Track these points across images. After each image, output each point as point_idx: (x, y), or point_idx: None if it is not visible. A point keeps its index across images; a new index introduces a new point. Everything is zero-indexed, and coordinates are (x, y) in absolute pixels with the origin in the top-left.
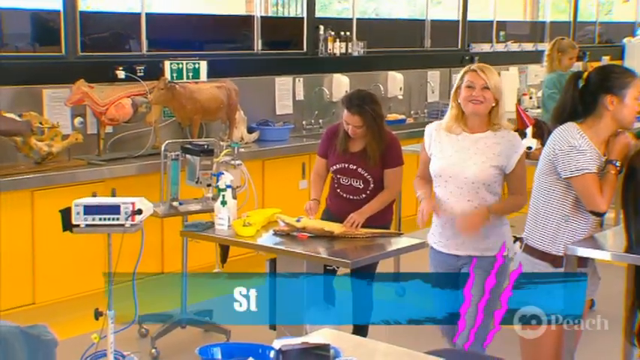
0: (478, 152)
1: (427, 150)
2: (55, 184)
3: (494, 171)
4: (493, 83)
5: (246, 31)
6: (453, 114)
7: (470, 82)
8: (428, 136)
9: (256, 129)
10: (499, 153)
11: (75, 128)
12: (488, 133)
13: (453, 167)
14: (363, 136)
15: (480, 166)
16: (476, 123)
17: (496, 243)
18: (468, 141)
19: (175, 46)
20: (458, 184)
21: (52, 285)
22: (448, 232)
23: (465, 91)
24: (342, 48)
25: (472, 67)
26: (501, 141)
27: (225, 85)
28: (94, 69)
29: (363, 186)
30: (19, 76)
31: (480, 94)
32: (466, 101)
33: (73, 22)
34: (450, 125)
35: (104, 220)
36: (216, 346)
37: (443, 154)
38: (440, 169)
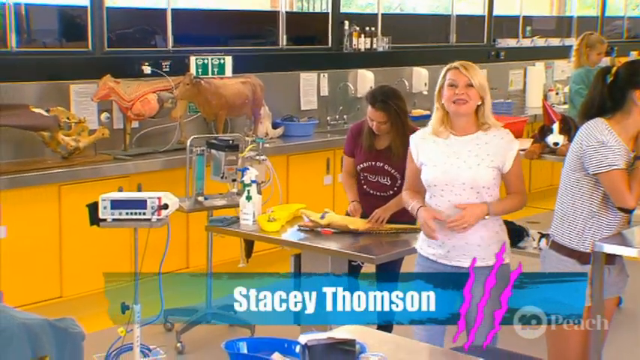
0: (471, 155)
1: (415, 161)
2: (81, 178)
3: (491, 172)
4: (477, 80)
5: (271, 26)
6: (437, 116)
7: (452, 80)
8: (414, 145)
9: (281, 124)
10: (493, 153)
11: (101, 123)
12: (479, 133)
13: (448, 174)
14: (388, 132)
15: (475, 170)
16: (463, 124)
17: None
18: (458, 144)
19: (201, 41)
20: (456, 191)
21: (79, 279)
22: (451, 242)
23: (447, 90)
24: (367, 43)
25: (453, 65)
26: (494, 140)
27: (250, 81)
28: (121, 64)
29: (390, 182)
30: (47, 72)
31: (463, 93)
32: (449, 101)
33: (100, 17)
34: (436, 128)
35: (131, 215)
36: (242, 340)
37: (434, 162)
38: (433, 179)
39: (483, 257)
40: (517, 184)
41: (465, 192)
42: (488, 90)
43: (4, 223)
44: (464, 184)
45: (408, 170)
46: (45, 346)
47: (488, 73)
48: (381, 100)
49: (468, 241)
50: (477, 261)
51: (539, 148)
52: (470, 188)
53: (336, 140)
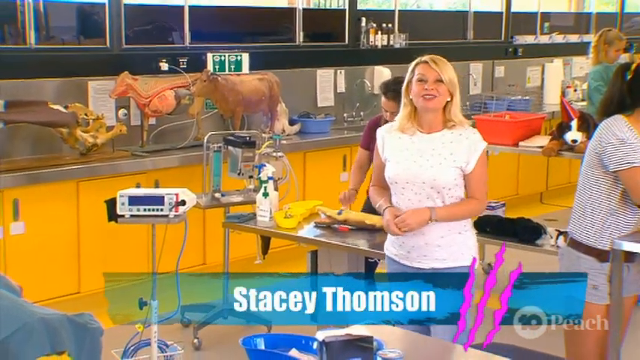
0: (434, 153)
1: (381, 155)
2: (99, 175)
3: (453, 173)
4: (447, 76)
5: (288, 23)
6: (405, 112)
7: (421, 75)
8: (380, 139)
9: (297, 121)
10: (457, 152)
11: (119, 120)
12: (445, 131)
13: (409, 172)
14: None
15: (437, 169)
16: (430, 121)
17: (457, 253)
18: (422, 142)
19: (218, 38)
20: (416, 189)
21: (97, 274)
22: (411, 242)
23: (416, 85)
24: (384, 40)
25: (423, 59)
26: (459, 139)
27: (267, 78)
28: (138, 61)
29: None
30: (65, 69)
31: (432, 88)
32: (418, 96)
33: (118, 14)
34: (403, 124)
35: (148, 211)
36: (260, 336)
37: (397, 158)
38: (395, 175)
39: (444, 258)
40: (477, 187)
41: (425, 191)
42: (457, 86)
43: (22, 219)
44: (424, 183)
45: (375, 165)
46: (64, 341)
47: (506, 69)
48: (393, 89)
49: (427, 241)
50: (436, 262)
51: (557, 145)
52: (430, 188)
53: (352, 137)
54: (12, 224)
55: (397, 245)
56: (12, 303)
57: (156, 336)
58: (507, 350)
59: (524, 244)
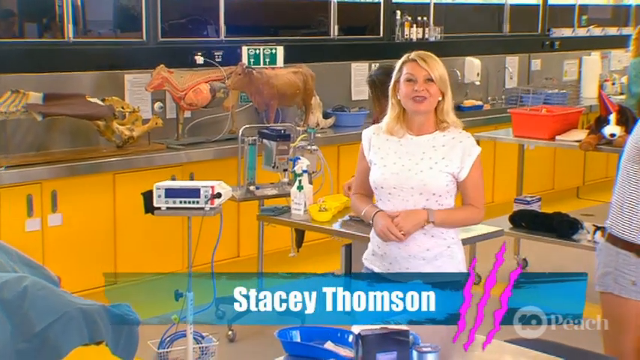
0: (425, 157)
1: (366, 157)
2: (135, 167)
3: (445, 179)
4: (437, 74)
5: (323, 16)
6: (393, 113)
7: (410, 74)
8: (366, 141)
9: (332, 114)
10: (449, 157)
11: (154, 113)
12: (436, 133)
13: (397, 176)
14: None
15: (427, 174)
16: (421, 123)
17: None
18: (412, 145)
19: (253, 31)
20: (403, 196)
21: (133, 266)
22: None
23: (404, 86)
24: (419, 33)
25: (411, 57)
26: (452, 142)
27: (302, 71)
28: (174, 54)
29: None
30: (102, 62)
31: (422, 89)
32: (407, 98)
33: (154, 8)
34: (391, 127)
35: (184, 204)
36: (295, 329)
37: (384, 162)
38: (381, 180)
39: (429, 273)
40: (474, 195)
41: (413, 197)
42: (448, 83)
43: (60, 211)
44: (412, 188)
45: (358, 170)
46: (102, 331)
47: (543, 63)
48: (370, 75)
49: (411, 253)
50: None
51: (595, 139)
52: (419, 194)
53: None
54: (50, 216)
55: (378, 256)
56: (51, 293)
57: (191, 327)
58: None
59: (560, 239)
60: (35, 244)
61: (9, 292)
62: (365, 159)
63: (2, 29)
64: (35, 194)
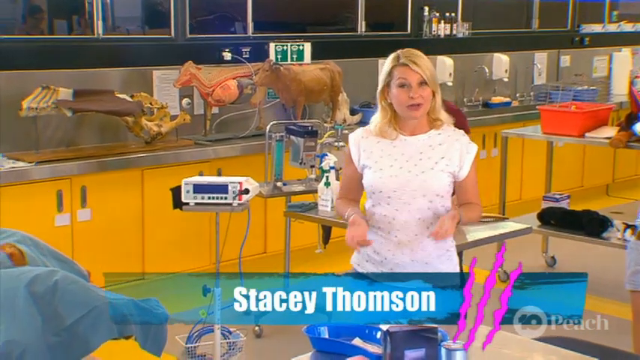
0: (424, 158)
1: (356, 163)
2: (163, 163)
3: (446, 178)
4: (429, 74)
5: (350, 12)
6: (384, 117)
7: (403, 80)
8: (355, 145)
9: (359, 111)
10: (449, 156)
11: (182, 109)
12: (432, 132)
13: (396, 180)
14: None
15: (429, 174)
16: (414, 124)
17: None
18: (407, 146)
19: (280, 28)
20: (405, 199)
21: (161, 260)
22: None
23: (398, 92)
24: (447, 29)
25: (401, 60)
26: (449, 140)
27: (329, 67)
28: (202, 51)
29: None
30: (131, 58)
31: (418, 95)
32: (402, 106)
33: (182, 5)
34: (383, 129)
35: (212, 199)
36: (323, 325)
37: (379, 165)
38: (380, 184)
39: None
40: (474, 193)
41: (416, 200)
42: (437, 80)
43: (89, 206)
44: (415, 190)
45: (345, 175)
46: (131, 326)
47: (572, 59)
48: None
49: (414, 258)
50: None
51: (625, 136)
52: (422, 196)
53: None
54: (79, 211)
55: (376, 262)
56: (81, 287)
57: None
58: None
59: (589, 238)
60: (65, 238)
61: (40, 285)
62: (352, 164)
63: (32, 26)
64: (65, 189)
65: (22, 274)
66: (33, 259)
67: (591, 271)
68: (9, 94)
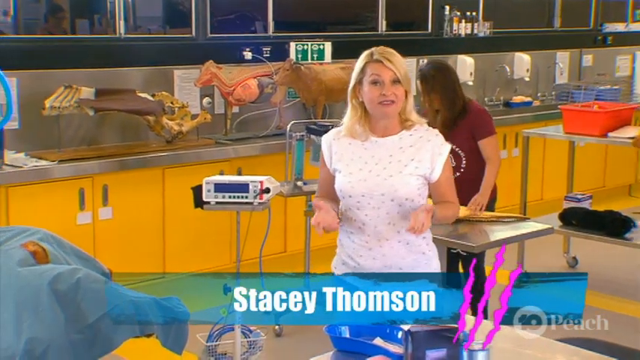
0: (393, 161)
1: (328, 165)
2: (184, 162)
3: (416, 182)
4: (402, 72)
5: (371, 11)
6: (354, 116)
7: (375, 76)
8: (327, 147)
9: None
10: (419, 158)
11: (203, 108)
12: (403, 133)
13: (365, 183)
14: (427, 104)
15: (397, 178)
16: (386, 125)
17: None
18: (377, 147)
19: (301, 27)
20: (374, 203)
21: (181, 259)
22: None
23: (369, 89)
24: (468, 28)
25: (374, 56)
26: (420, 142)
27: (350, 66)
28: (223, 50)
29: (455, 164)
30: (152, 58)
31: (390, 92)
32: (374, 103)
33: (203, 4)
34: (353, 130)
35: (233, 198)
36: (344, 324)
37: (349, 169)
38: (348, 188)
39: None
40: (451, 192)
41: (385, 204)
42: (410, 82)
43: (110, 205)
44: (383, 195)
45: (320, 178)
46: (152, 324)
47: (594, 58)
48: (420, 70)
49: (386, 263)
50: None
51: None
52: (390, 200)
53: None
54: (100, 209)
55: (351, 268)
56: (103, 286)
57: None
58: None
59: (612, 238)
60: (86, 237)
61: (63, 283)
62: (326, 166)
63: (54, 26)
64: (87, 188)
65: (45, 272)
66: (56, 257)
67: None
68: (32, 93)
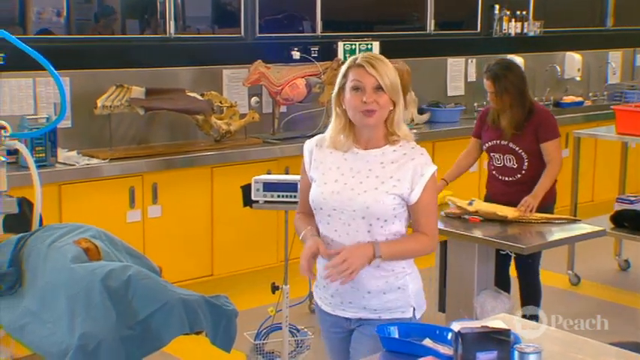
0: (371, 175)
1: (307, 172)
2: (232, 161)
3: (391, 201)
4: (388, 81)
5: (419, 11)
6: (338, 124)
7: (356, 82)
8: (308, 154)
9: (427, 110)
10: (398, 176)
11: (251, 107)
12: (386, 148)
13: (337, 196)
14: (498, 104)
15: (371, 195)
16: (368, 136)
17: (392, 302)
18: (358, 160)
19: (349, 27)
20: (344, 219)
21: (229, 258)
22: (334, 284)
23: (351, 95)
24: (518, 28)
25: (357, 61)
26: (402, 159)
27: (397, 66)
28: (271, 50)
29: (516, 165)
30: (201, 57)
31: (371, 100)
32: (354, 110)
33: (252, 4)
34: (335, 139)
35: (282, 197)
36: (394, 325)
37: (324, 179)
38: (320, 200)
39: (375, 309)
40: (425, 221)
41: (355, 222)
42: (400, 91)
43: (159, 203)
44: (354, 211)
45: (301, 186)
46: (201, 322)
47: None
48: (491, 69)
49: (354, 285)
50: (365, 312)
51: None
52: (361, 218)
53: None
54: (150, 207)
55: (321, 287)
56: (154, 283)
57: (287, 320)
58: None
59: None
60: (136, 234)
61: (114, 280)
62: (305, 174)
63: (105, 26)
64: (137, 186)
65: (97, 268)
66: (107, 254)
67: None
68: (84, 92)
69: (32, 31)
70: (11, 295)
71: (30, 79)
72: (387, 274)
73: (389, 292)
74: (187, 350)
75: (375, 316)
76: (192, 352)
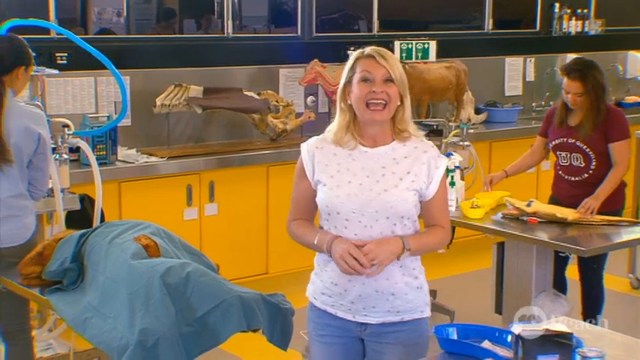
0: (387, 173)
1: (309, 177)
2: (287, 160)
3: (412, 197)
4: (398, 73)
5: (477, 10)
6: (342, 121)
7: (366, 73)
8: (308, 157)
9: (484, 110)
10: (415, 171)
11: (307, 107)
12: (395, 144)
13: (356, 198)
14: (582, 106)
15: (393, 193)
16: (375, 133)
17: (414, 303)
18: (368, 159)
19: (405, 26)
20: (365, 221)
21: (284, 256)
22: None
23: (358, 87)
24: (578, 26)
25: (366, 52)
26: (415, 153)
27: (455, 66)
28: (327, 49)
29: (583, 165)
30: (258, 57)
31: (381, 92)
32: (362, 103)
33: (309, 4)
34: (340, 136)
35: None
36: (452, 326)
37: (336, 181)
38: (337, 204)
39: (398, 310)
40: (441, 215)
41: (378, 223)
42: (407, 86)
43: (216, 201)
44: (377, 212)
45: (298, 191)
46: (259, 319)
47: None
48: (578, 69)
49: (378, 288)
50: (389, 315)
51: None
52: (385, 218)
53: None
54: (207, 205)
55: (335, 294)
56: (212, 280)
57: None
58: None
59: None
60: (193, 232)
61: (174, 277)
62: (306, 178)
63: (164, 26)
64: (194, 184)
65: (156, 265)
66: (166, 251)
67: None
68: (143, 91)
69: (93, 31)
70: (73, 290)
71: (91, 78)
72: (408, 274)
73: (410, 292)
74: (244, 348)
75: (397, 319)
76: (249, 349)
